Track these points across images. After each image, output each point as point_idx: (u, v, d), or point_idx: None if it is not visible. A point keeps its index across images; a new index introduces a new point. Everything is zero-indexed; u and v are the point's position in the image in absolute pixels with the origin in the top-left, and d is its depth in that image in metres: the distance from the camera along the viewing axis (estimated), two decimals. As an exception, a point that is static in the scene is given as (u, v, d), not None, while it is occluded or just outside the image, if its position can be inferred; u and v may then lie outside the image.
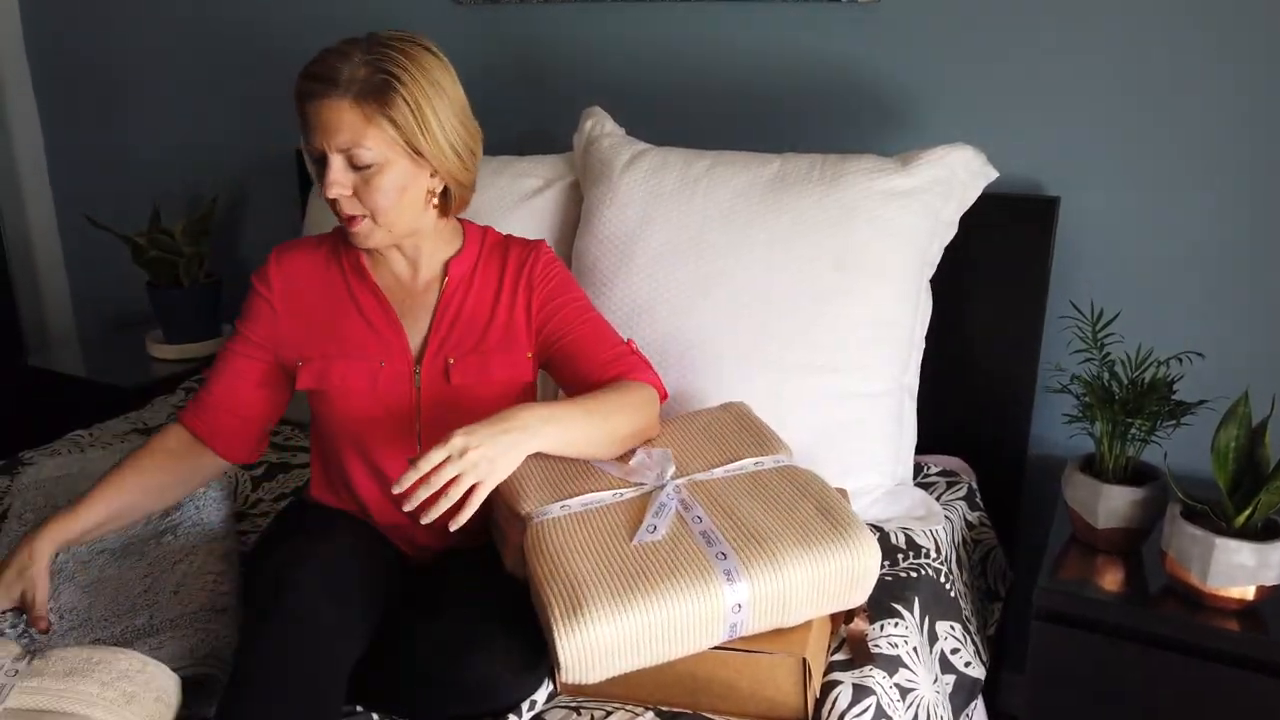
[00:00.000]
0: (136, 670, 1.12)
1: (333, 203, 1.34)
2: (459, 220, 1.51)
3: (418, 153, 1.33)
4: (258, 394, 1.47)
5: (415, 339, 1.44)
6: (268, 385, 1.48)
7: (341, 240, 1.48)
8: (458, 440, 1.18)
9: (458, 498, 1.18)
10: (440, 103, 1.33)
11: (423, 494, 1.17)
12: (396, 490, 1.17)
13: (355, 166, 1.31)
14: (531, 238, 1.55)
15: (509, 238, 1.53)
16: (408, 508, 1.18)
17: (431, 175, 1.38)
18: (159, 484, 1.44)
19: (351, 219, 1.35)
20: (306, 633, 1.14)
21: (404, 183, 1.34)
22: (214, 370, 1.48)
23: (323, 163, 1.33)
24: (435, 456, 1.17)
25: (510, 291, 1.47)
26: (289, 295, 1.46)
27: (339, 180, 1.31)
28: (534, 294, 1.46)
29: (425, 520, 1.18)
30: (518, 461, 1.24)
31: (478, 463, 1.18)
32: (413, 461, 1.17)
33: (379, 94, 1.29)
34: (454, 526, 1.19)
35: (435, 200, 1.41)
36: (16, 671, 1.10)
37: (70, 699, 1.07)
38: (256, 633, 1.14)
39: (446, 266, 1.46)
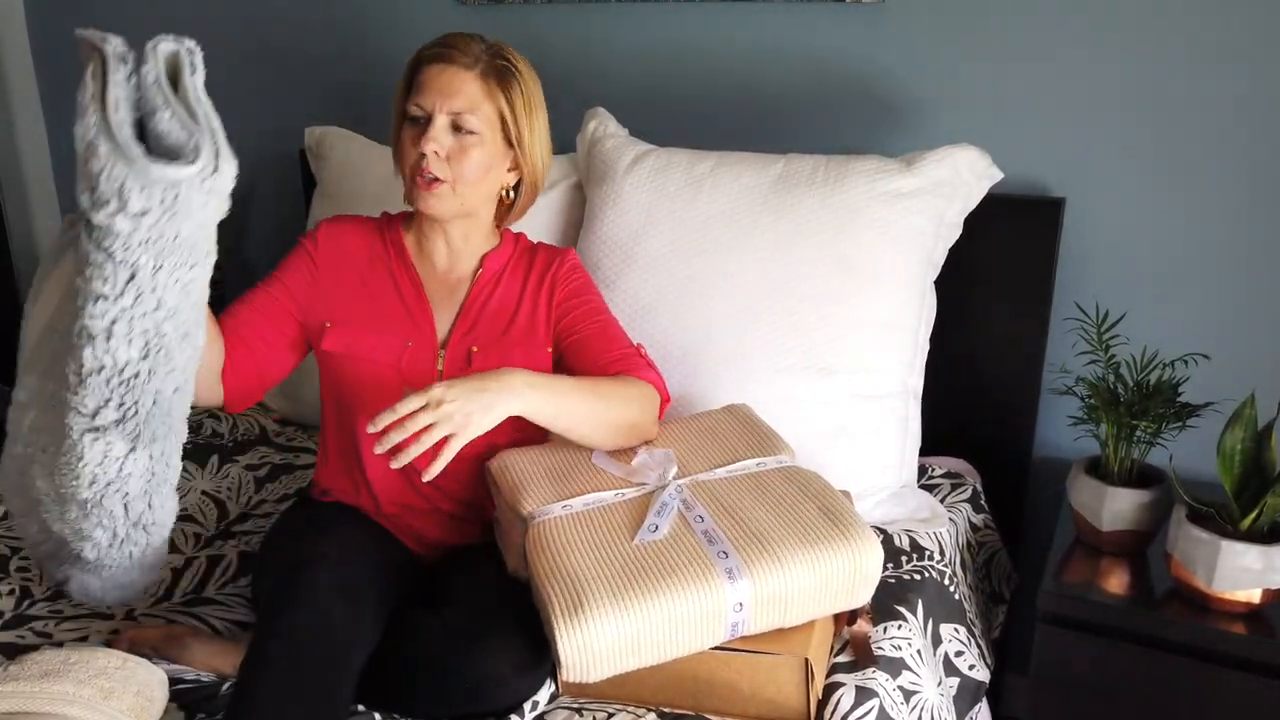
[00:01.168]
0: (115, 667, 1.13)
1: (419, 161, 1.39)
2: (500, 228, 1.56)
3: (514, 141, 1.44)
4: (270, 332, 1.46)
5: (442, 326, 1.48)
6: (283, 331, 1.47)
7: (387, 225, 1.54)
8: (436, 390, 1.20)
9: (429, 445, 1.19)
10: (540, 111, 1.47)
11: (395, 437, 1.18)
12: (371, 429, 1.19)
13: (457, 132, 1.39)
14: (534, 238, 1.59)
15: (540, 244, 1.58)
16: (378, 449, 1.19)
17: (510, 169, 1.46)
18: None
19: (434, 181, 1.40)
20: (319, 634, 1.14)
21: (491, 162, 1.42)
22: (238, 302, 1.48)
23: (423, 124, 1.39)
24: (412, 403, 1.19)
25: (534, 291, 1.50)
26: (332, 257, 1.51)
27: (438, 139, 1.38)
28: (555, 293, 1.50)
29: (395, 464, 1.19)
30: (495, 421, 1.24)
31: (452, 415, 1.19)
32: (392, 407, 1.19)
33: (501, 76, 1.42)
34: (426, 477, 1.21)
35: (508, 195, 1.49)
36: None
37: (45, 699, 1.07)
38: (269, 633, 1.14)
39: (481, 262, 1.51)
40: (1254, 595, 1.37)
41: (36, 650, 1.35)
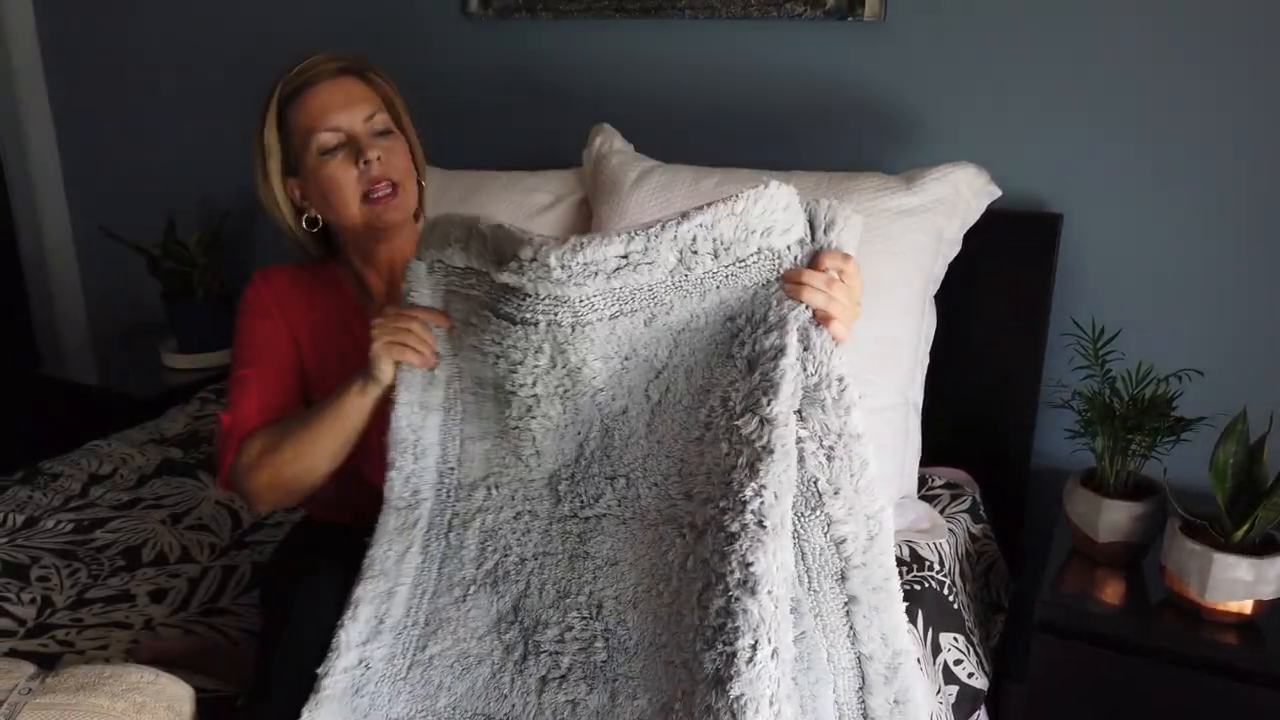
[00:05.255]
0: (148, 682, 1.15)
1: (362, 177, 1.37)
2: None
3: (402, 126, 1.45)
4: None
5: None
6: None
7: (320, 267, 1.50)
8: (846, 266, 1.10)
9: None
10: None
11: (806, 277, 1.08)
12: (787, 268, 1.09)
13: (374, 137, 1.39)
14: None
15: None
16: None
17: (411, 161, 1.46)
18: None
19: (392, 190, 1.39)
20: (320, 651, 1.15)
21: (406, 151, 1.44)
22: (239, 396, 1.39)
23: (341, 146, 1.37)
24: (829, 265, 1.09)
25: None
26: (288, 312, 1.46)
27: (377, 145, 1.38)
28: None
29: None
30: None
31: (844, 305, 1.10)
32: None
33: (368, 70, 1.45)
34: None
35: (422, 182, 1.48)
36: (30, 690, 1.13)
37: (81, 712, 1.10)
38: (272, 647, 1.17)
39: None
40: (1245, 606, 1.40)
41: (63, 662, 1.39)
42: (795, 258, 1.10)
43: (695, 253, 1.08)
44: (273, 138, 1.40)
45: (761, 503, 1.01)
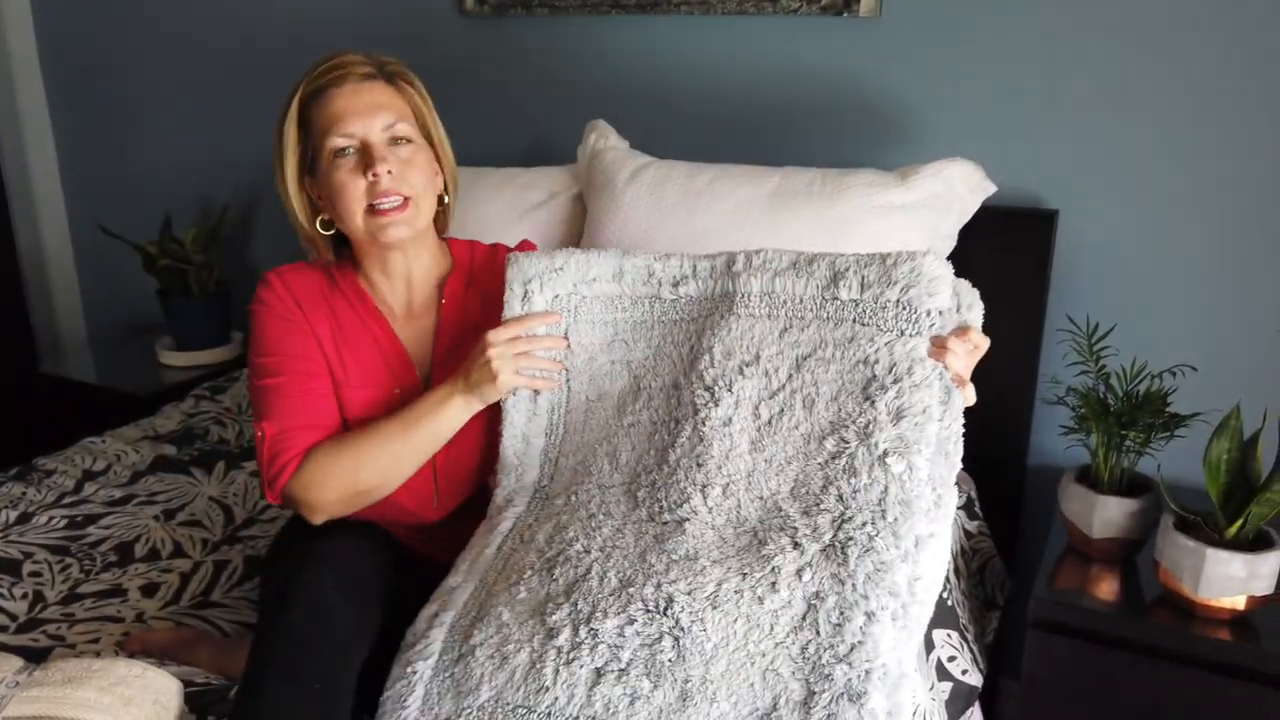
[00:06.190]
0: (135, 676, 1.15)
1: (370, 189, 1.32)
2: (444, 240, 1.51)
3: (431, 139, 1.41)
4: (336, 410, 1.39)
5: (421, 364, 1.44)
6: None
7: (337, 270, 1.45)
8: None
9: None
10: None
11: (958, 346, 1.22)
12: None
13: (393, 145, 1.34)
14: (538, 249, 1.56)
15: (495, 246, 1.53)
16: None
17: (435, 174, 1.41)
18: None
19: (401, 203, 1.33)
20: (319, 634, 1.15)
21: (428, 163, 1.39)
22: (278, 405, 1.34)
23: (354, 152, 1.33)
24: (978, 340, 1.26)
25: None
26: (308, 314, 1.42)
27: (389, 158, 1.32)
28: None
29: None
30: None
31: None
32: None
33: (399, 77, 1.39)
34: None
35: (445, 197, 1.44)
36: (17, 683, 1.13)
37: (67, 705, 1.09)
38: (268, 638, 1.16)
39: (443, 291, 1.45)
40: (1238, 602, 1.40)
41: (54, 656, 1.39)
42: (934, 324, 1.23)
43: (845, 279, 1.25)
44: (292, 134, 1.36)
45: (915, 539, 1.13)
